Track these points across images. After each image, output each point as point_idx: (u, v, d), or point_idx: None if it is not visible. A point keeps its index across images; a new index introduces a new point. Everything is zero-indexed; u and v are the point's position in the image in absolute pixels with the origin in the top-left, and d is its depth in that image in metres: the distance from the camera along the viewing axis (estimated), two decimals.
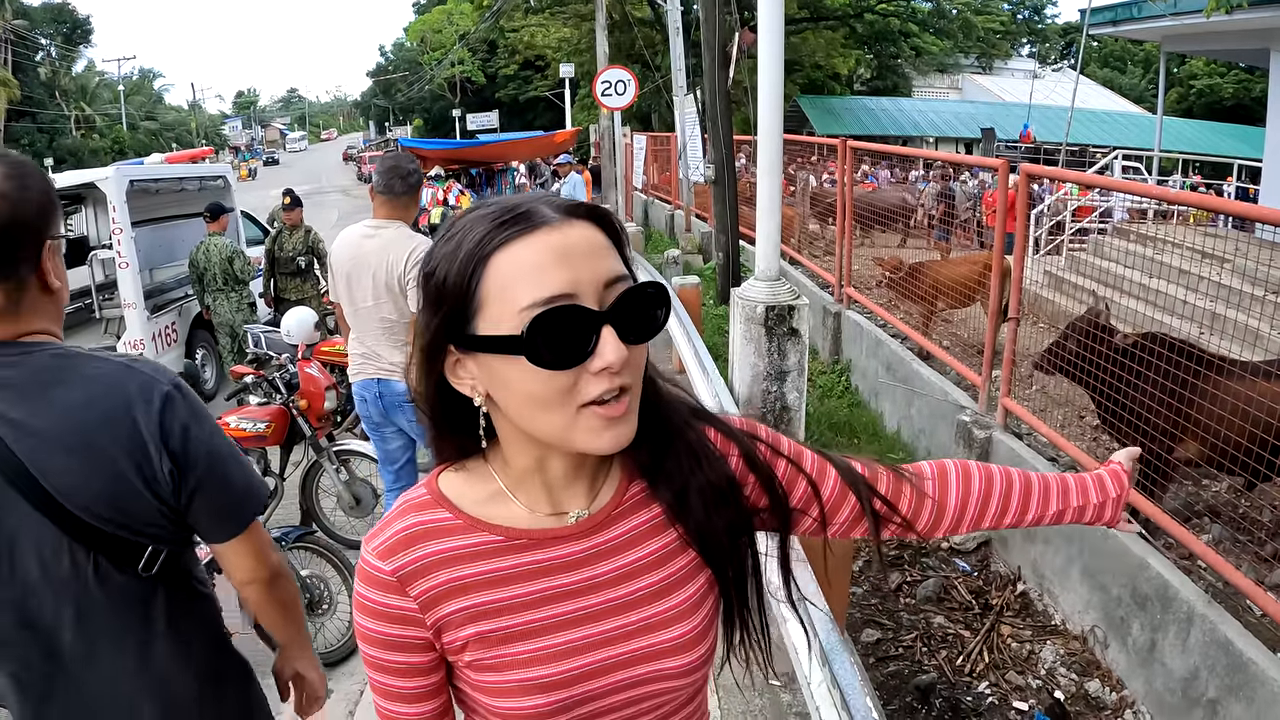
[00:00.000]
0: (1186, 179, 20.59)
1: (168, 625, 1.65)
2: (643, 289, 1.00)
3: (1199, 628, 3.62)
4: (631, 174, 20.61)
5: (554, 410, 0.98)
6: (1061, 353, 5.11)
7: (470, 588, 1.08)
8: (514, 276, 0.96)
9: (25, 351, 1.54)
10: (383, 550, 1.08)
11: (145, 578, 1.61)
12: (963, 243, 11.28)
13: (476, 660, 1.09)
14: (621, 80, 16.03)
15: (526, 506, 1.11)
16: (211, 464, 1.63)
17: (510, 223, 0.98)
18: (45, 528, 1.51)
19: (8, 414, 1.48)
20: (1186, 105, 43.76)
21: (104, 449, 1.51)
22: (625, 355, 0.96)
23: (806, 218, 12.35)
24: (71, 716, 1.60)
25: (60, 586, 1.53)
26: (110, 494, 1.52)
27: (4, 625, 1.54)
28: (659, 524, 1.16)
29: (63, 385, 1.53)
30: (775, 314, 5.28)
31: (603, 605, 1.11)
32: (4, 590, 1.52)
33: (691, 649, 1.14)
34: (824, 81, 40.52)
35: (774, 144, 5.38)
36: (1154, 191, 8.79)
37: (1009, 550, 5.21)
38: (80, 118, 53.25)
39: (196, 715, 1.71)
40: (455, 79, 56.29)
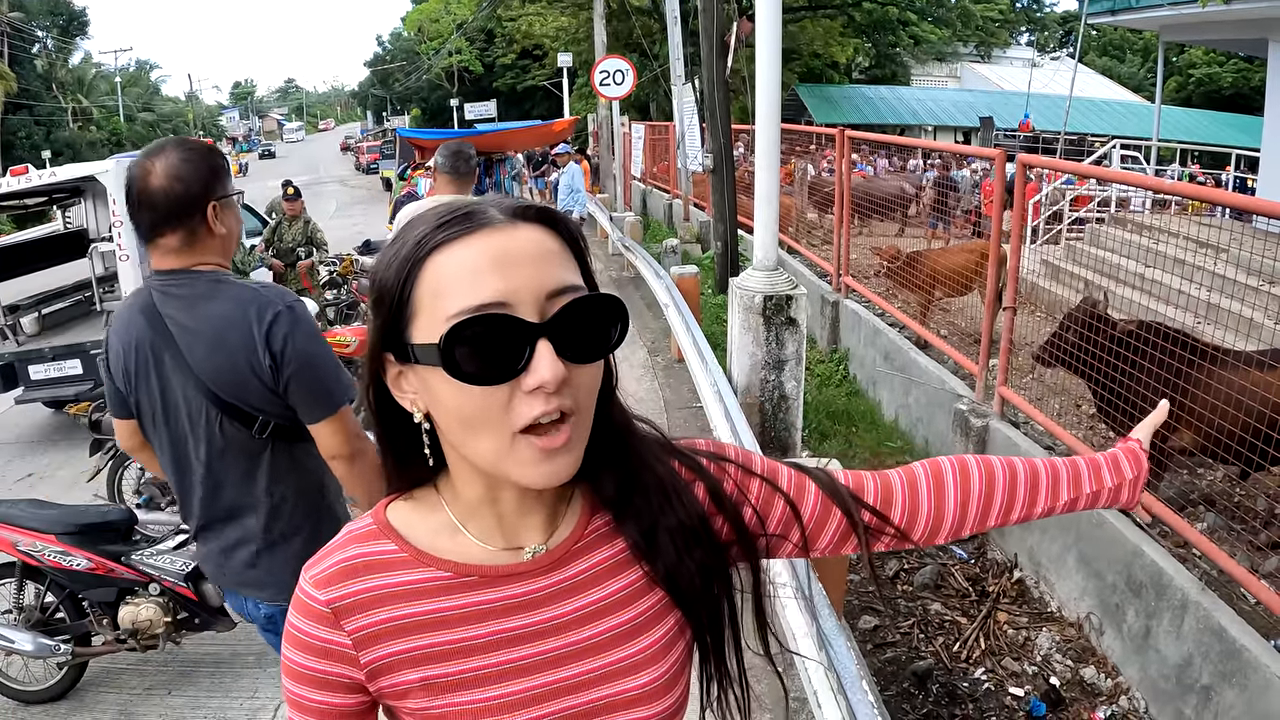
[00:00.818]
0: (1185, 168, 20.58)
1: (270, 469, 2.37)
2: (591, 301, 0.90)
3: (1193, 615, 3.66)
4: (630, 163, 20.58)
5: (485, 434, 0.89)
6: (1061, 344, 5.15)
7: (413, 628, 0.98)
8: (447, 281, 0.87)
9: (193, 277, 2.26)
10: (319, 580, 0.99)
11: (258, 438, 2.31)
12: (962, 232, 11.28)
13: (421, 710, 0.99)
14: (620, 70, 16.02)
15: (479, 540, 1.01)
16: (304, 363, 2.25)
17: (450, 224, 0.90)
18: (194, 394, 2.27)
19: (177, 317, 2.25)
20: (1185, 94, 43.68)
21: (229, 346, 2.22)
22: (562, 374, 0.86)
23: (804, 207, 12.36)
24: (205, 513, 2.42)
25: (200, 433, 2.30)
26: (231, 378, 2.23)
27: (169, 450, 2.37)
28: (623, 560, 1.06)
29: (213, 300, 2.25)
30: (773, 303, 5.31)
31: (563, 649, 1.01)
32: (170, 429, 2.34)
33: (660, 697, 1.04)
34: (822, 70, 40.41)
35: (772, 133, 5.39)
36: (1149, 183, 8.81)
37: (1005, 538, 5.25)
38: (77, 110, 52.94)
39: (302, 524, 2.44)
40: (453, 68, 56.10)
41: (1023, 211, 5.64)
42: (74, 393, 7.49)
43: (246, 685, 4.24)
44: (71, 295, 9.56)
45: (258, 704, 4.08)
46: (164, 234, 2.24)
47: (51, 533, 3.86)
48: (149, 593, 3.94)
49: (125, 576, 3.91)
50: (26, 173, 7.94)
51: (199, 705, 4.09)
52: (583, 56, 32.79)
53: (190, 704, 4.10)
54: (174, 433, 2.36)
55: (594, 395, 0.94)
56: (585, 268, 0.97)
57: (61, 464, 7.24)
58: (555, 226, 0.94)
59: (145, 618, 3.91)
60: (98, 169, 7.89)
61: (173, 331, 2.26)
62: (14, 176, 7.88)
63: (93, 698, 4.17)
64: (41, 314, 8.76)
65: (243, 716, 4.01)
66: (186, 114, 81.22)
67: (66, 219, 10.66)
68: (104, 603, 3.97)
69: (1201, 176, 19.46)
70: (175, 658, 4.39)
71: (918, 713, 4.13)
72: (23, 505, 4.07)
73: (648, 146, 20.85)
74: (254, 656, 4.44)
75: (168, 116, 74.07)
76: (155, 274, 2.31)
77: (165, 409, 2.33)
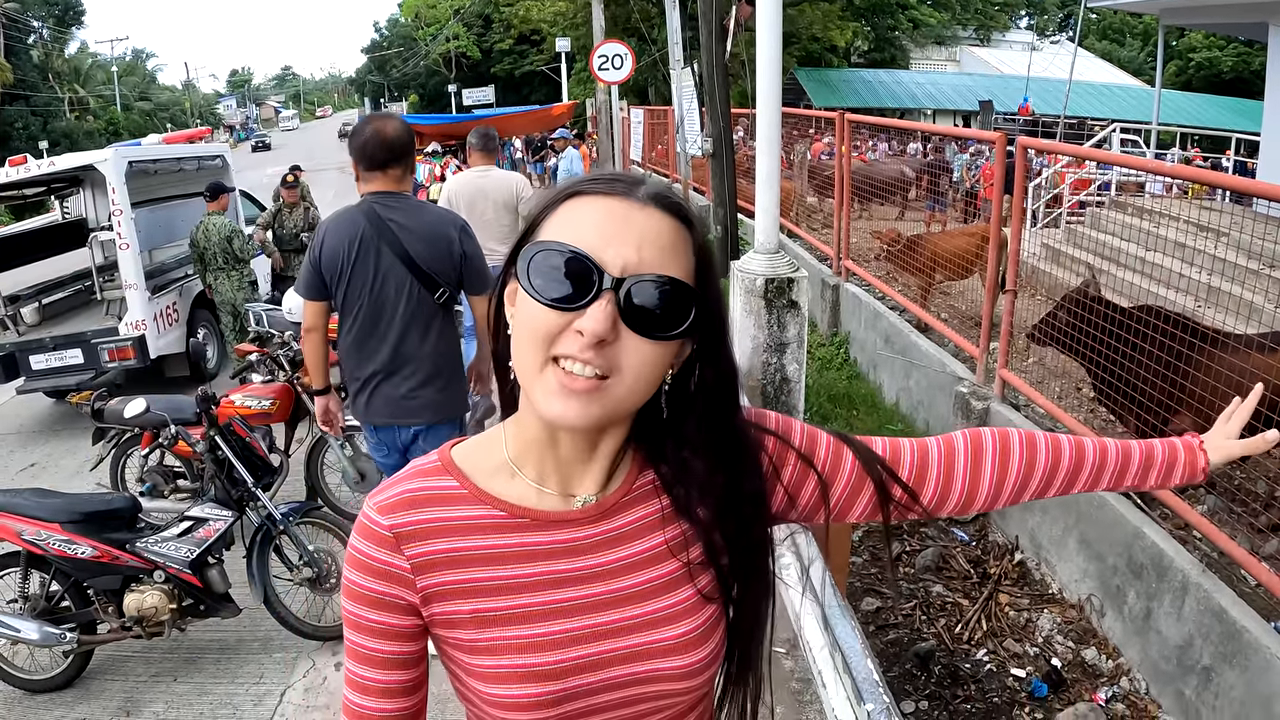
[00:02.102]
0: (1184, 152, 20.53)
1: (441, 325, 3.65)
2: (669, 284, 0.95)
3: (1194, 597, 3.67)
4: (629, 148, 20.54)
5: (530, 348, 0.96)
6: (1055, 324, 5.15)
7: (467, 560, 1.04)
8: (568, 221, 0.97)
9: (403, 198, 3.60)
10: (384, 507, 1.05)
11: (437, 303, 3.60)
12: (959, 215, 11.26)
13: (470, 641, 1.04)
14: (618, 54, 15.94)
15: (534, 483, 1.07)
16: (475, 256, 3.67)
17: (602, 180, 1.00)
18: (402, 271, 3.50)
19: (399, 220, 3.50)
20: (1185, 78, 43.51)
21: (437, 240, 3.57)
22: (607, 330, 0.91)
23: (804, 191, 12.34)
24: (390, 362, 3.61)
25: (401, 298, 3.53)
26: (434, 259, 3.54)
27: (370, 312, 3.55)
28: (667, 515, 1.10)
29: (424, 212, 3.68)
30: (775, 286, 5.30)
31: (604, 595, 1.06)
32: (375, 296, 3.52)
33: (694, 649, 1.07)
34: (821, 54, 40.24)
35: (773, 117, 5.37)
36: (1149, 165, 8.80)
37: (1007, 520, 5.26)
38: (74, 100, 52.78)
39: (446, 381, 3.70)
40: (450, 54, 55.93)
41: (1023, 195, 5.63)
42: (75, 382, 7.50)
43: (252, 671, 4.26)
44: (72, 285, 9.55)
45: (263, 689, 4.10)
46: (392, 167, 3.53)
47: (56, 521, 3.87)
48: (154, 580, 3.96)
49: (130, 564, 3.93)
50: (25, 163, 7.93)
51: (205, 692, 4.11)
52: (581, 41, 32.70)
53: (196, 690, 4.12)
54: (378, 298, 3.53)
55: (639, 371, 0.96)
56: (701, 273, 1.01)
57: (64, 453, 7.25)
58: (685, 222, 1.00)
59: (150, 605, 3.92)
60: (96, 158, 7.88)
61: (393, 229, 3.49)
62: (12, 167, 7.87)
63: (98, 686, 4.19)
64: (42, 304, 8.76)
65: (249, 702, 4.02)
66: (184, 102, 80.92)
67: (65, 209, 10.65)
68: (109, 590, 3.99)
69: (1201, 160, 19.38)
70: (181, 645, 4.41)
71: (920, 693, 4.16)
72: (27, 494, 4.08)
73: (647, 131, 20.81)
74: (259, 642, 4.46)
75: (165, 105, 73.92)
76: (374, 194, 3.52)
77: (376, 281, 3.50)
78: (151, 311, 7.86)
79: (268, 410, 5.28)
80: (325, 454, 5.51)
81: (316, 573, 4.27)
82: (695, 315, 0.97)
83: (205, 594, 4.02)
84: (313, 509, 4.54)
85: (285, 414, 5.42)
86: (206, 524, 4.03)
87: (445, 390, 3.67)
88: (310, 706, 3.98)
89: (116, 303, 8.47)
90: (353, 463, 5.41)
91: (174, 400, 5.00)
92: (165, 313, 8.20)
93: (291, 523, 4.25)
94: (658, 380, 1.00)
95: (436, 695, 3.90)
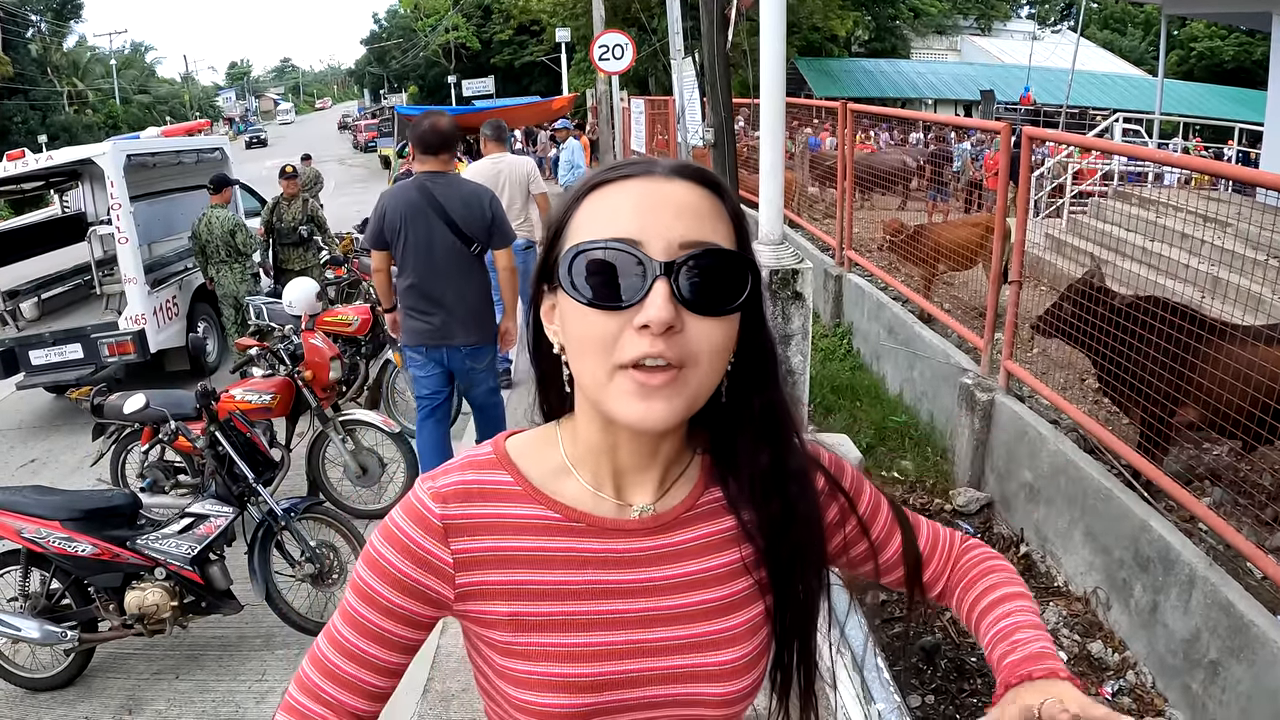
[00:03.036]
0: (1187, 142, 20.44)
1: (476, 271, 4.81)
2: (720, 255, 0.91)
3: (1200, 590, 3.65)
4: (630, 138, 20.48)
5: (590, 360, 0.91)
6: (1060, 315, 5.13)
7: (515, 561, 1.00)
8: (596, 214, 0.93)
9: (447, 176, 4.79)
10: (438, 494, 1.00)
11: (474, 254, 4.76)
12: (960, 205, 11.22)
13: (505, 643, 1.00)
14: (619, 44, 15.88)
15: (591, 487, 1.03)
16: (500, 219, 4.82)
17: (617, 168, 0.96)
18: (445, 230, 4.64)
19: (443, 192, 4.67)
20: (1187, 68, 43.34)
21: (473, 206, 4.72)
22: (671, 317, 0.86)
23: (806, 181, 12.30)
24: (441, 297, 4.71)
25: (446, 251, 4.66)
26: (473, 223, 4.69)
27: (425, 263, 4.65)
28: (730, 538, 1.06)
29: (463, 186, 4.84)
30: (779, 278, 5.26)
31: (653, 612, 1.02)
32: (428, 250, 4.64)
33: (738, 678, 1.03)
34: (822, 43, 40.10)
35: (776, 107, 5.34)
36: (1155, 155, 8.76)
37: (1012, 512, 5.24)
38: (73, 93, 52.61)
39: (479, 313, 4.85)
40: (450, 45, 55.75)
41: (1027, 185, 5.59)
42: (75, 377, 7.49)
43: (254, 668, 4.25)
44: (71, 279, 9.54)
45: (265, 686, 4.09)
46: (441, 152, 4.74)
47: (56, 519, 3.85)
48: (155, 577, 3.95)
49: (131, 561, 3.91)
50: (23, 157, 7.91)
51: (207, 689, 4.10)
52: (581, 31, 32.56)
53: (198, 688, 4.11)
54: (429, 251, 4.64)
55: (714, 355, 0.92)
56: (741, 237, 0.97)
57: (64, 449, 7.24)
58: (714, 189, 0.96)
59: (151, 602, 3.91)
60: (94, 152, 7.87)
61: (439, 199, 4.64)
62: (10, 161, 7.85)
63: (100, 684, 4.18)
64: (41, 299, 8.75)
65: (251, 699, 4.01)
66: (183, 95, 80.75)
67: (64, 203, 10.63)
68: (110, 588, 3.98)
69: (1203, 150, 19.31)
70: (182, 642, 4.40)
71: (927, 687, 4.14)
72: (26, 492, 4.06)
73: (648, 121, 20.75)
74: (261, 639, 4.45)
75: (164, 98, 73.73)
76: (426, 173, 4.70)
77: (428, 239, 4.63)
78: (151, 306, 7.84)
79: (268, 405, 5.26)
80: (327, 448, 5.49)
81: (319, 568, 4.26)
82: (751, 282, 0.93)
83: (207, 591, 4.01)
84: (314, 504, 4.52)
85: (286, 408, 5.40)
86: (207, 520, 4.01)
87: (480, 319, 4.86)
88: None
89: (116, 297, 8.47)
90: (354, 457, 5.40)
91: (174, 395, 4.98)
92: (165, 307, 8.19)
93: (293, 518, 4.23)
94: (728, 358, 0.95)
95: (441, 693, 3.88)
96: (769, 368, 1.04)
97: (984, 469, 5.55)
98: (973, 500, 5.45)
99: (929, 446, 6.23)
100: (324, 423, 5.36)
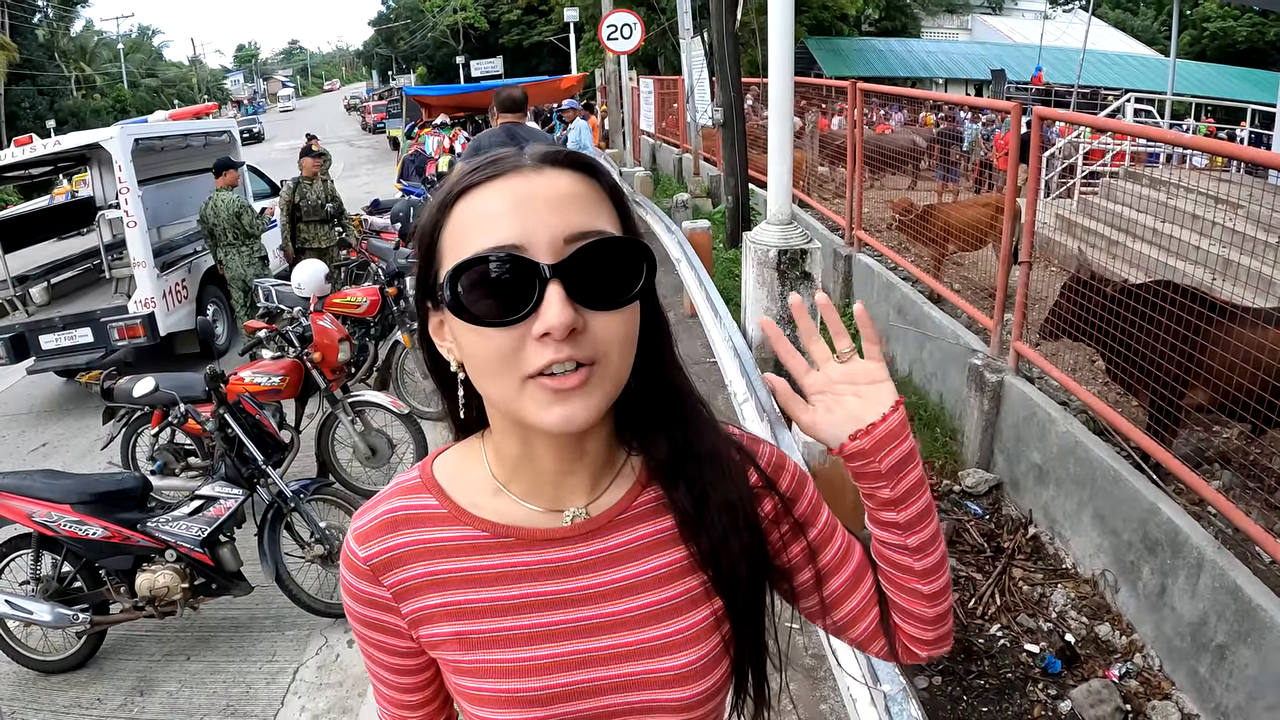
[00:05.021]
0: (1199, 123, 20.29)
1: None
2: (610, 244, 0.87)
3: (1208, 573, 3.64)
4: (639, 118, 20.40)
5: (496, 378, 0.87)
6: (1060, 316, 5.12)
7: (449, 583, 0.98)
8: (469, 224, 0.87)
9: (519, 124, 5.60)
10: (360, 535, 1.00)
11: None
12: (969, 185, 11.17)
13: (454, 662, 1.00)
14: (627, 24, 15.80)
15: (520, 499, 1.00)
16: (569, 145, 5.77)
17: (479, 168, 0.89)
18: None
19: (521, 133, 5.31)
20: (1199, 48, 42.93)
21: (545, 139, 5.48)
22: (571, 320, 0.82)
23: (816, 160, 12.25)
24: None
25: None
26: None
27: None
28: (669, 538, 1.02)
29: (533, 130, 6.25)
30: (788, 257, 5.26)
31: (596, 619, 0.99)
32: None
33: (694, 681, 1.00)
34: (831, 22, 39.88)
35: (785, 86, 5.31)
36: (1168, 136, 8.70)
37: (1020, 494, 5.23)
38: (80, 78, 52.66)
39: None
40: (458, 25, 55.68)
41: (1038, 165, 5.56)
42: (85, 361, 7.52)
43: (265, 649, 4.27)
44: (80, 264, 9.56)
45: (276, 667, 4.12)
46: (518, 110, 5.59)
47: (66, 502, 3.88)
48: (165, 559, 3.97)
49: (141, 544, 3.93)
50: (31, 142, 7.92)
51: (218, 670, 4.12)
52: (589, 11, 32.40)
53: (209, 669, 4.13)
54: None
55: (623, 346, 0.89)
56: (625, 217, 0.93)
57: (75, 433, 7.27)
58: (588, 172, 0.91)
59: (162, 584, 3.94)
60: (102, 136, 7.86)
61: (520, 135, 5.19)
62: (18, 147, 7.86)
63: (112, 665, 4.21)
64: (51, 283, 8.77)
65: (261, 680, 4.04)
66: (190, 78, 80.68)
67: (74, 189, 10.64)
68: (121, 571, 4.00)
69: (1215, 132, 19.17)
70: (193, 623, 4.42)
71: (934, 669, 4.14)
72: (37, 476, 4.08)
73: (656, 101, 20.67)
74: (271, 620, 4.48)
75: (172, 82, 73.69)
76: (507, 123, 5.46)
77: None
78: (160, 289, 7.86)
79: (277, 386, 5.27)
80: (336, 430, 5.51)
81: (328, 549, 4.27)
82: (646, 267, 0.89)
83: (217, 572, 4.03)
84: (324, 485, 4.54)
85: (295, 390, 5.41)
86: (217, 502, 4.03)
87: None
88: (323, 684, 3.99)
89: (125, 281, 8.48)
90: (364, 438, 5.41)
91: (183, 378, 5.00)
92: (174, 290, 8.20)
93: (303, 500, 4.24)
94: (635, 344, 0.91)
95: None
96: (664, 347, 1.00)
97: (993, 450, 5.53)
98: (981, 481, 5.45)
99: (938, 427, 6.22)
100: (333, 404, 5.37)
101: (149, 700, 3.96)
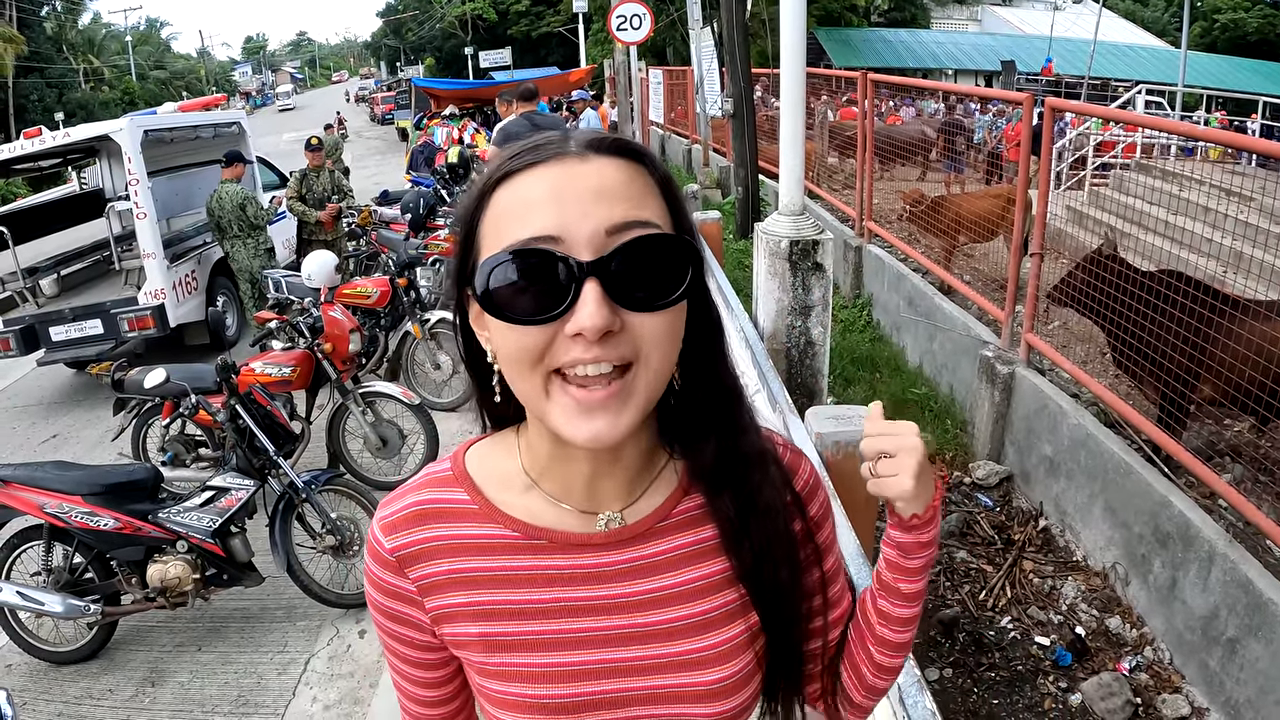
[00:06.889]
0: (1210, 115, 20.17)
1: None
2: (655, 241, 0.82)
3: (1220, 567, 3.62)
4: (648, 109, 20.37)
5: (526, 375, 0.83)
6: (1074, 284, 5.08)
7: (476, 582, 0.95)
8: (507, 212, 0.83)
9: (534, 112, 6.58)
10: (386, 525, 0.97)
11: None
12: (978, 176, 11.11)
13: (482, 664, 0.97)
14: (637, 14, 15.74)
15: (552, 498, 0.96)
16: None
17: (523, 153, 0.85)
18: None
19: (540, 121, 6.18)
20: (1210, 40, 42.64)
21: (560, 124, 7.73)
22: (608, 320, 0.78)
23: (826, 152, 12.21)
24: None
25: None
26: None
27: None
28: (709, 549, 0.98)
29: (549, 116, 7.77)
30: (799, 248, 5.24)
31: (627, 629, 0.95)
32: None
33: (726, 698, 0.97)
34: (841, 13, 39.71)
35: (796, 76, 5.29)
36: (1180, 128, 8.64)
37: (1031, 486, 5.22)
38: (89, 70, 52.72)
39: None
40: (466, 16, 55.54)
41: (1049, 157, 5.53)
42: (95, 352, 7.53)
43: (276, 639, 4.28)
44: (90, 255, 9.57)
45: (287, 657, 4.13)
46: (533, 100, 6.69)
47: (78, 494, 3.89)
48: (177, 550, 3.98)
49: (152, 535, 3.94)
50: (40, 135, 7.92)
51: (229, 661, 4.14)
52: (598, 1, 32.37)
53: (220, 660, 4.15)
54: None
55: (665, 347, 0.84)
56: (676, 208, 0.89)
57: (85, 424, 7.30)
58: (636, 158, 0.87)
59: (174, 575, 3.95)
60: (111, 128, 7.86)
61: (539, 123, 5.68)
62: (27, 139, 7.87)
63: (123, 656, 4.23)
64: (61, 275, 8.78)
65: (273, 670, 4.05)
66: (198, 70, 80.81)
67: (82, 179, 10.66)
68: (132, 562, 4.01)
69: (1226, 124, 19.07)
70: (204, 614, 4.44)
71: (945, 661, 4.14)
72: (48, 467, 4.09)
73: (666, 92, 20.63)
74: (282, 611, 4.49)
75: (180, 74, 73.81)
76: (523, 114, 6.23)
77: None
78: (170, 280, 7.87)
79: (288, 378, 5.28)
80: (347, 421, 5.52)
81: (339, 540, 4.28)
82: (693, 266, 0.84)
83: (228, 563, 4.04)
84: (335, 476, 4.54)
85: (306, 381, 5.42)
86: (228, 493, 4.04)
87: None
88: (334, 674, 4.00)
89: (135, 272, 8.49)
90: (374, 429, 5.42)
91: (194, 369, 5.00)
92: (184, 281, 8.21)
93: (314, 490, 4.25)
94: (678, 347, 0.87)
95: None
96: (716, 345, 0.96)
97: (1004, 442, 5.52)
98: (992, 473, 5.44)
99: (949, 419, 6.20)
100: (344, 395, 5.38)
101: (160, 691, 3.98)
